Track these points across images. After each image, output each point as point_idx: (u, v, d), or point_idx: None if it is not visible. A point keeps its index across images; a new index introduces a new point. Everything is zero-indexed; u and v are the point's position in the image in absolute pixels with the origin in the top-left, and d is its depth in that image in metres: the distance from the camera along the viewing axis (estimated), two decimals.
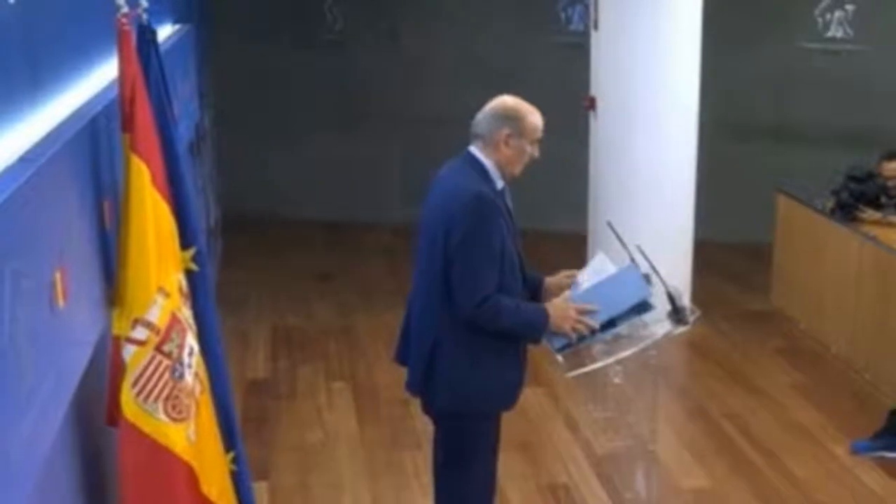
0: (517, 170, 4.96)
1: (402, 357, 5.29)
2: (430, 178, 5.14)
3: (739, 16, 11.50)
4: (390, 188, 12.80)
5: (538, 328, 4.94)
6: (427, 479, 6.73)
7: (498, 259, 4.82)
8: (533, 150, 4.94)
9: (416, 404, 7.71)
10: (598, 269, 5.16)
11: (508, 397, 5.10)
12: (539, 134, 4.93)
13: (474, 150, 4.93)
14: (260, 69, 12.55)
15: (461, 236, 4.76)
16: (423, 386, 5.05)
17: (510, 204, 4.99)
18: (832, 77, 11.77)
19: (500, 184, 4.93)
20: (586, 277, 5.16)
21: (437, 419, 5.20)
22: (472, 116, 4.99)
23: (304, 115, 12.70)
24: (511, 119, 4.88)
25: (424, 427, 7.48)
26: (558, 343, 5.00)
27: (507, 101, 4.96)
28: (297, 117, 12.71)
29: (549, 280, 5.18)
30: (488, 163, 4.90)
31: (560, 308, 4.95)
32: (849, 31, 11.74)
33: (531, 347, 5.15)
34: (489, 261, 4.79)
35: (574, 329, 4.92)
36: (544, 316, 4.92)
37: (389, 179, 12.84)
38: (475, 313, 4.78)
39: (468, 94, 5.19)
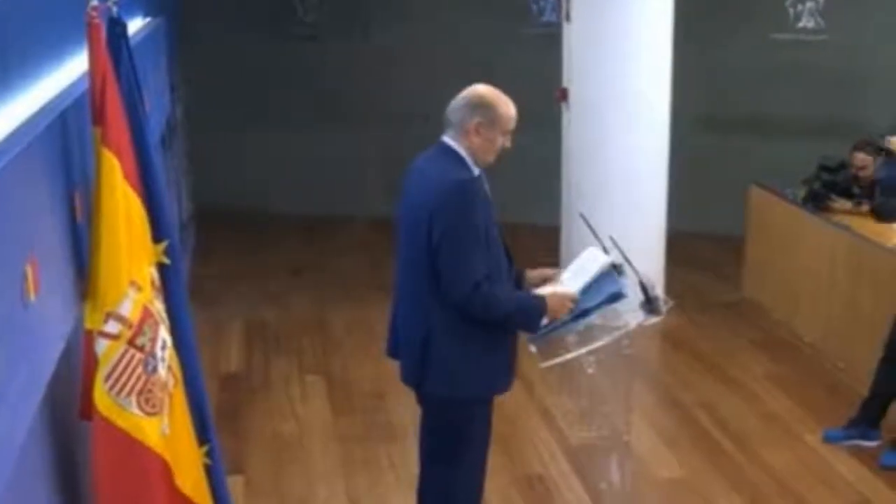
0: (489, 158, 4.93)
1: (393, 351, 5.27)
2: (405, 172, 5.11)
3: (711, 8, 11.52)
4: (366, 182, 12.79)
5: (536, 316, 4.93)
6: (402, 472, 6.76)
7: (485, 245, 4.80)
8: (505, 141, 4.90)
9: (391, 398, 7.78)
10: (585, 262, 5.17)
11: (503, 380, 5.10)
12: (512, 125, 4.89)
13: (447, 139, 4.91)
14: (232, 63, 12.53)
15: (447, 224, 4.73)
16: (420, 376, 5.01)
17: (488, 191, 4.98)
18: (804, 68, 11.80)
19: (476, 171, 4.92)
20: (575, 269, 5.18)
21: (434, 408, 5.14)
22: (446, 109, 4.97)
23: (278, 109, 12.70)
24: (483, 108, 4.85)
25: (399, 420, 7.50)
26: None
27: (480, 89, 4.92)
28: (271, 111, 12.70)
29: (531, 273, 5.18)
30: (462, 151, 4.88)
31: (558, 297, 4.96)
32: (819, 21, 11.77)
33: None
34: (477, 246, 4.76)
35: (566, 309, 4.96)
36: (542, 303, 4.93)
37: (365, 173, 12.84)
38: (468, 300, 4.75)
39: (442, 87, 5.18)
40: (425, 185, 4.88)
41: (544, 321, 4.97)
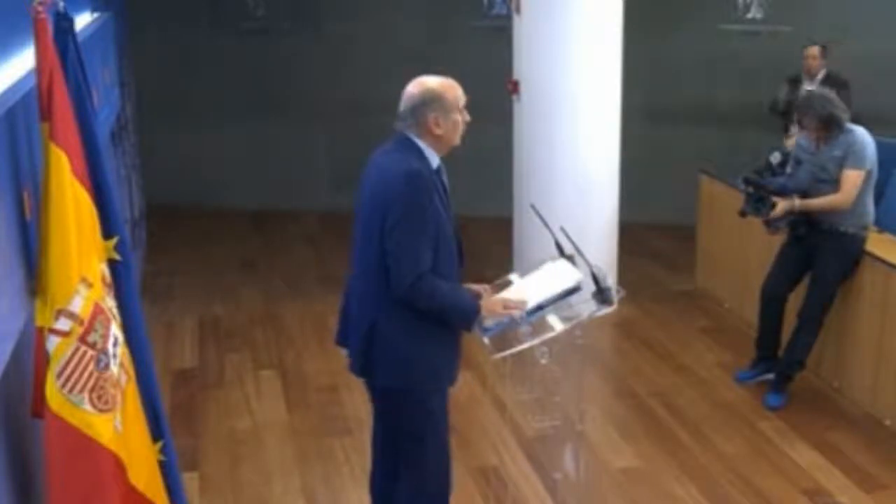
0: (456, 140, 5.00)
1: (342, 339, 5.30)
2: (355, 165, 5.12)
3: None
4: (315, 175, 12.79)
5: (469, 316, 4.97)
6: (357, 465, 6.76)
7: (433, 238, 4.82)
8: (464, 117, 4.97)
9: (345, 391, 7.77)
10: (555, 275, 5.21)
11: (448, 374, 5.11)
12: (463, 101, 4.97)
13: (406, 131, 4.94)
14: (183, 57, 12.48)
15: (397, 213, 4.76)
16: (365, 366, 5.03)
17: (446, 182, 5.01)
18: (753, 58, 11.86)
19: (435, 162, 4.95)
20: (541, 275, 5.25)
21: (389, 404, 5.15)
22: (396, 102, 4.97)
23: (228, 102, 12.64)
24: (432, 101, 4.88)
25: (353, 413, 7.50)
26: (485, 326, 5.03)
27: (423, 83, 4.95)
28: (221, 105, 12.64)
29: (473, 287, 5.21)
30: (422, 143, 4.92)
31: (491, 302, 5.05)
32: (768, 11, 11.83)
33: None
34: (425, 238, 4.79)
35: (505, 313, 5.01)
36: (476, 307, 4.98)
37: (314, 167, 12.84)
38: (410, 290, 4.78)
39: (392, 80, 5.18)
40: (382, 176, 4.90)
41: (489, 322, 5.02)
